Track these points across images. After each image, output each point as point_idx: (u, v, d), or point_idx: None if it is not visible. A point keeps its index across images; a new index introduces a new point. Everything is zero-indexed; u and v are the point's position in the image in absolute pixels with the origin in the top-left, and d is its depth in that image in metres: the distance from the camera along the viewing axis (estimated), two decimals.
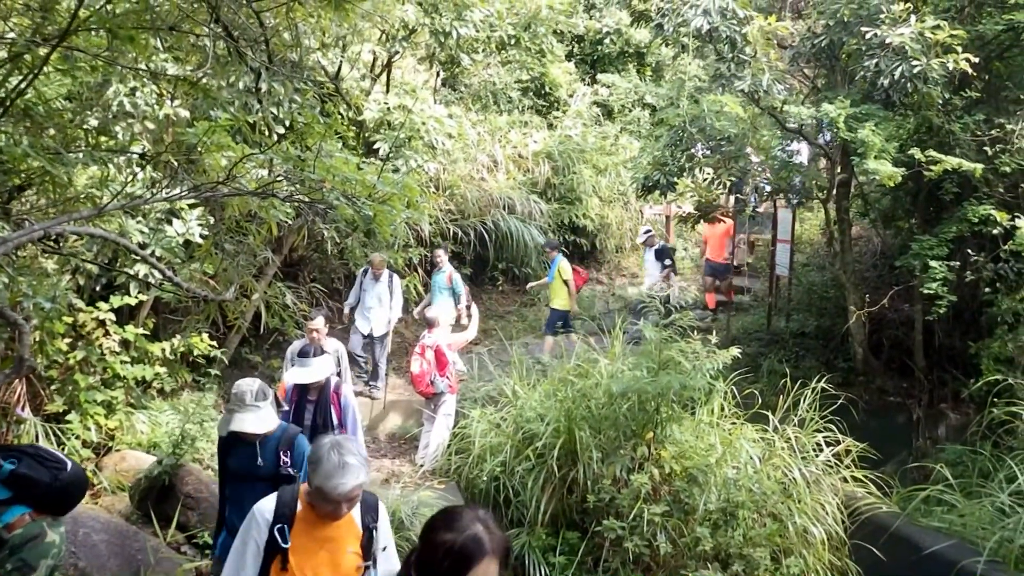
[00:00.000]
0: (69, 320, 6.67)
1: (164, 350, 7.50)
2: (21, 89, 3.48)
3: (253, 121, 4.91)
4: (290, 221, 4.94)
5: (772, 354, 9.87)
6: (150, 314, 7.74)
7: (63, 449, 6.23)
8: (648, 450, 5.71)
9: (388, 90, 10.31)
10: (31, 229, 3.33)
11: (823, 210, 9.91)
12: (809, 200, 9.85)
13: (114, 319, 7.03)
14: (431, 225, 10.65)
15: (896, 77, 7.22)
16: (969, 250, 8.11)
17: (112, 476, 6.55)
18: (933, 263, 7.75)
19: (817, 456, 6.15)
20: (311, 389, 5.30)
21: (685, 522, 5.49)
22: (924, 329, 8.93)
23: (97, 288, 7.19)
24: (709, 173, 10.26)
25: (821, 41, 8.33)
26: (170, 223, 6.32)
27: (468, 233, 11.80)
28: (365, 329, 9.11)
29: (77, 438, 6.59)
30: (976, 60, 7.29)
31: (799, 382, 6.54)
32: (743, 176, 10.06)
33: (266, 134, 5.34)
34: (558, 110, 15.37)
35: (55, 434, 6.46)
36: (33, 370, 6.26)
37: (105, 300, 7.03)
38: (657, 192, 9.93)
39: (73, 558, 4.88)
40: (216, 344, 8.05)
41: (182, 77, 4.70)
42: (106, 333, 6.99)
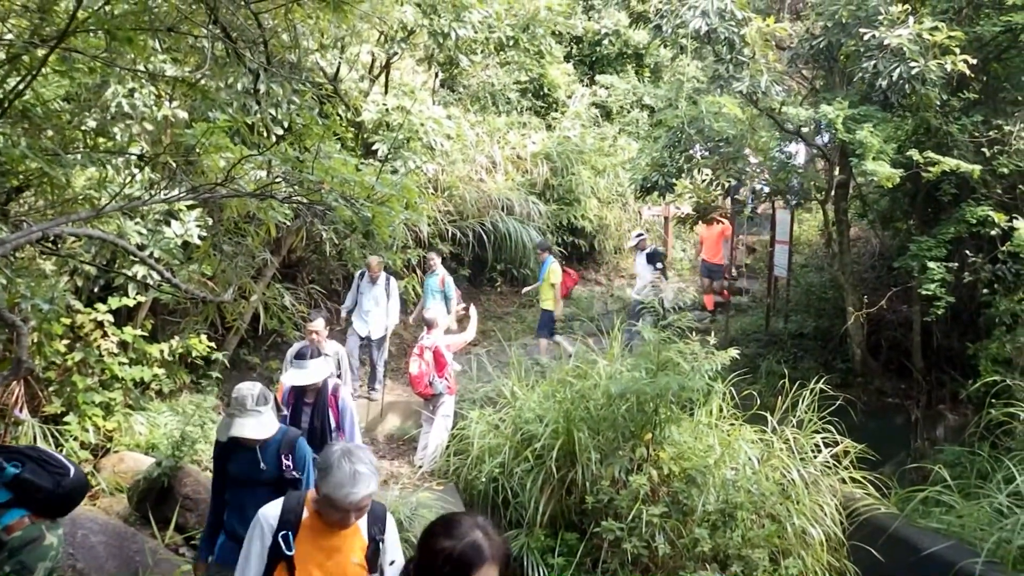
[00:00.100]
0: (67, 321, 6.67)
1: (162, 351, 7.49)
2: (19, 90, 3.48)
3: (251, 122, 4.90)
4: (289, 222, 4.94)
5: (770, 355, 9.87)
6: (148, 315, 7.74)
7: (61, 450, 6.22)
8: (647, 451, 5.72)
9: (387, 91, 10.31)
10: (29, 230, 3.33)
11: (821, 211, 9.92)
12: (807, 201, 9.86)
13: (112, 320, 7.03)
14: (430, 226, 10.63)
15: (894, 78, 7.23)
16: (967, 251, 8.12)
17: (110, 477, 6.54)
18: (931, 264, 7.75)
19: (815, 457, 6.16)
20: (308, 392, 5.23)
21: (684, 523, 5.50)
22: (922, 330, 8.93)
23: (95, 289, 7.19)
24: (707, 174, 10.26)
25: (819, 42, 8.34)
26: (168, 224, 6.32)
27: (467, 234, 11.78)
28: (363, 332, 9.08)
29: (75, 439, 6.59)
30: (974, 61, 7.31)
31: (797, 383, 6.55)
32: (740, 177, 10.06)
33: (264, 135, 5.33)
34: (557, 111, 15.36)
35: (53, 436, 6.46)
36: (31, 371, 6.26)
37: (103, 301, 7.03)
38: (655, 193, 9.94)
39: (71, 559, 4.87)
40: (214, 345, 8.05)
41: (180, 78, 4.70)
42: (104, 334, 6.99)
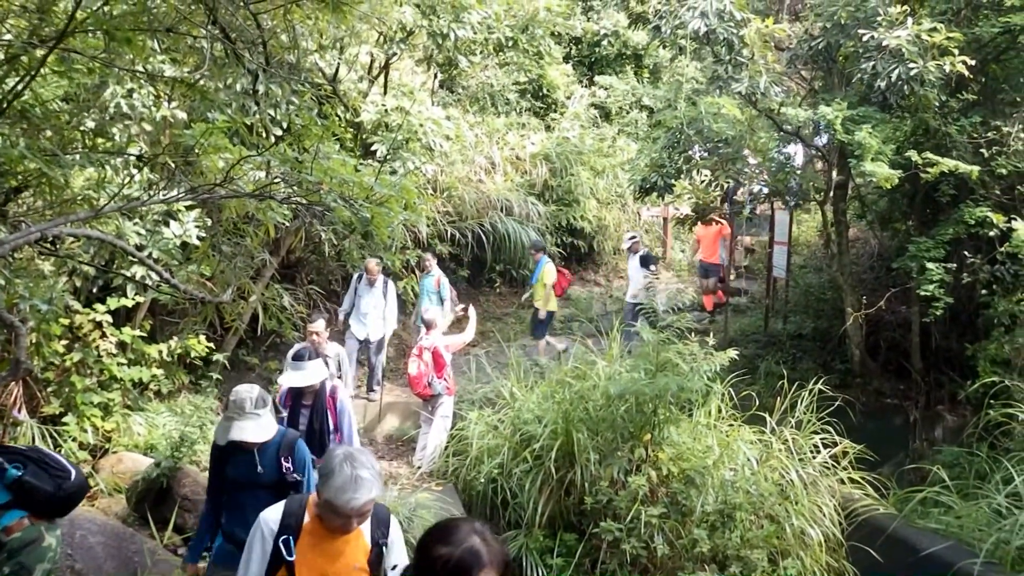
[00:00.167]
0: (66, 322, 6.67)
1: (161, 352, 7.49)
2: (18, 91, 3.48)
3: (250, 123, 4.89)
4: (287, 223, 4.93)
5: (769, 356, 9.87)
6: (147, 316, 7.74)
7: (59, 451, 6.21)
8: (645, 452, 5.72)
9: (386, 92, 10.31)
10: (28, 231, 3.33)
11: (820, 212, 9.93)
12: (806, 202, 9.87)
13: (111, 321, 7.03)
14: (429, 227, 10.64)
15: (893, 79, 7.24)
16: (966, 252, 8.13)
17: (109, 478, 6.54)
18: (930, 265, 7.76)
19: (814, 458, 6.16)
20: (306, 393, 5.23)
21: (682, 524, 5.49)
22: (921, 331, 8.93)
23: (94, 290, 7.18)
24: (706, 175, 10.27)
25: (818, 43, 8.35)
26: (167, 225, 6.32)
27: (466, 235, 11.78)
28: (361, 335, 9.03)
29: (74, 440, 6.58)
30: (972, 63, 7.32)
31: (796, 384, 6.55)
32: (739, 178, 10.07)
33: (263, 136, 5.32)
34: (556, 112, 15.37)
35: (51, 436, 6.45)
36: (30, 372, 6.25)
37: (102, 302, 7.03)
38: (654, 194, 9.95)
39: (70, 560, 4.86)
40: (213, 346, 8.05)
41: (179, 79, 4.70)
42: (103, 335, 6.99)
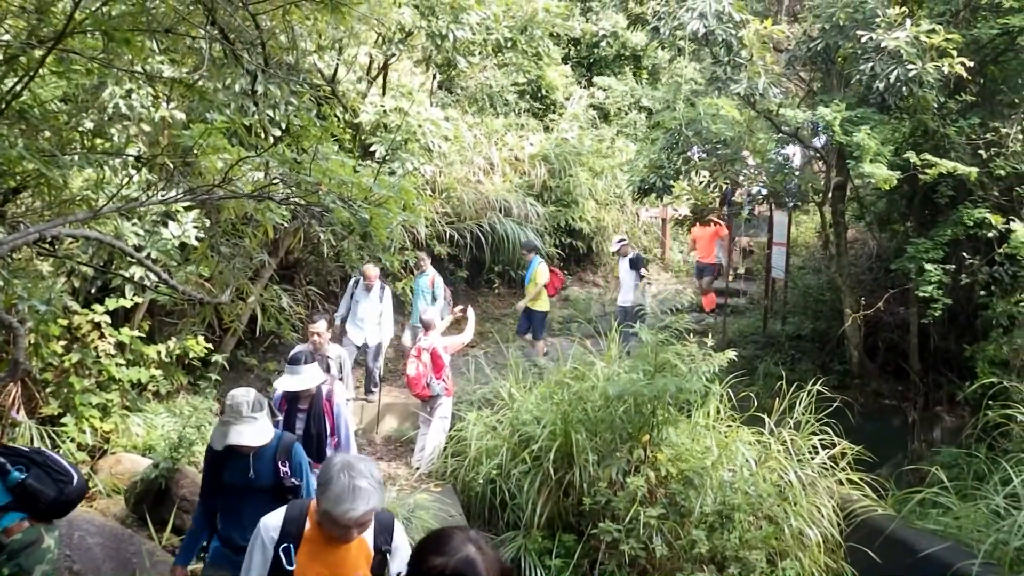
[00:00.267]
0: (64, 323, 6.66)
1: (160, 353, 7.48)
2: (17, 91, 3.48)
3: (249, 124, 4.90)
4: (286, 224, 4.93)
5: (768, 357, 9.88)
6: (145, 317, 7.73)
7: (58, 451, 6.21)
8: (644, 453, 5.72)
9: (384, 93, 10.31)
10: (26, 232, 3.33)
11: (819, 213, 9.94)
12: (805, 203, 9.88)
13: (109, 322, 7.02)
14: (427, 228, 10.63)
15: (891, 81, 7.25)
16: (964, 253, 8.13)
17: (107, 479, 6.53)
18: (928, 266, 7.76)
19: (813, 459, 6.17)
20: (302, 397, 5.20)
21: (681, 525, 5.49)
22: (919, 332, 8.94)
23: (92, 291, 7.18)
24: (705, 176, 10.27)
25: (817, 45, 8.35)
26: (166, 226, 6.32)
27: (464, 236, 11.78)
28: (358, 340, 8.90)
29: (72, 441, 6.58)
30: (971, 64, 7.33)
31: (795, 385, 6.56)
32: (738, 179, 10.08)
33: (262, 137, 5.33)
34: (554, 113, 15.36)
35: (50, 437, 6.45)
36: (28, 373, 6.25)
37: (100, 303, 7.02)
38: (653, 195, 9.95)
39: (68, 561, 4.86)
40: (212, 347, 8.04)
41: (178, 79, 4.70)
42: (101, 336, 6.98)
